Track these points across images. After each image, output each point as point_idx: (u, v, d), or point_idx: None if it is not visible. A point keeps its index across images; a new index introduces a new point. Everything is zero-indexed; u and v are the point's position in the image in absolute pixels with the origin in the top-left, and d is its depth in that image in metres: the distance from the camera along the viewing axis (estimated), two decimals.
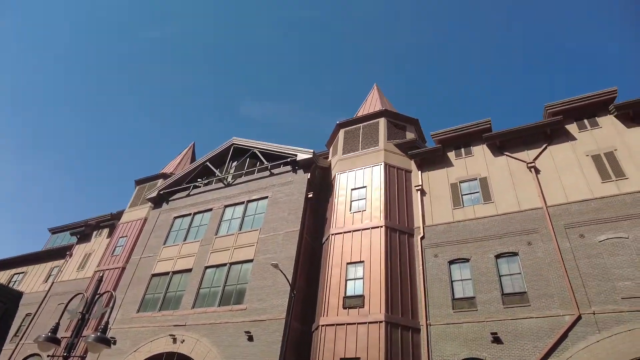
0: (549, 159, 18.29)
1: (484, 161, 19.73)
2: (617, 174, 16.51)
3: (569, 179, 17.22)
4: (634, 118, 17.70)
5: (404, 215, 19.16)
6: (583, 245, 15.28)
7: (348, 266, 17.75)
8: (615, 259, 14.50)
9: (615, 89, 18.34)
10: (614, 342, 12.98)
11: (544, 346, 13.70)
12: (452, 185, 19.54)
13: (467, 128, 20.74)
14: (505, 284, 15.66)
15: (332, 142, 25.53)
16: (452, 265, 16.99)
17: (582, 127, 18.63)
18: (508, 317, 14.76)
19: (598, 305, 13.85)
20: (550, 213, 16.53)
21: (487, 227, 17.35)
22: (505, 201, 17.80)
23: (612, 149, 17.30)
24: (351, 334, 15.65)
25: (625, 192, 15.86)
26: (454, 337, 15.08)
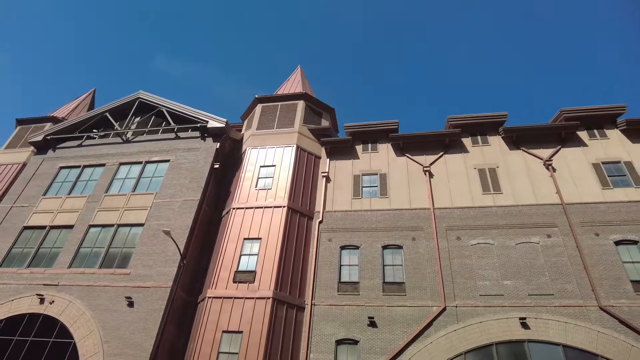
0: (443, 166, 20.09)
1: (386, 159, 20.98)
2: (495, 188, 18.78)
3: (456, 187, 19.14)
4: (515, 142, 20.20)
5: (307, 198, 19.65)
6: (458, 247, 17.18)
7: (245, 242, 17.74)
8: (481, 262, 16.58)
9: (506, 113, 20.72)
10: (467, 332, 14.93)
11: (412, 332, 15.21)
12: (355, 176, 20.49)
13: (376, 126, 21.82)
14: (387, 273, 16.99)
15: (247, 115, 25.03)
16: (343, 250, 17.93)
17: (475, 143, 20.75)
18: (385, 304, 16.08)
19: (461, 299, 15.75)
20: (436, 214, 18.24)
21: (380, 219, 18.58)
22: (399, 198, 19.20)
23: (495, 166, 19.58)
24: (237, 308, 15.75)
25: (499, 205, 18.15)
26: (334, 318, 16.01)
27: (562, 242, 16.67)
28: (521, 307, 15.24)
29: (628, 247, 16.28)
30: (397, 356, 14.77)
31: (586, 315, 14.80)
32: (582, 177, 18.53)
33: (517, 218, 17.61)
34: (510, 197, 18.34)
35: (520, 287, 15.76)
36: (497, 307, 15.36)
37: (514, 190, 18.55)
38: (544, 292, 15.51)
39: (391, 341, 15.18)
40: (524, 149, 19.92)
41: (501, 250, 16.79)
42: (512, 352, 14.39)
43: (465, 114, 21.20)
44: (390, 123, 21.73)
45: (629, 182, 18.00)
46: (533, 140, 20.11)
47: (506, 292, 15.71)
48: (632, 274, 15.54)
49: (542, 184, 18.55)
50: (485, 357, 14.37)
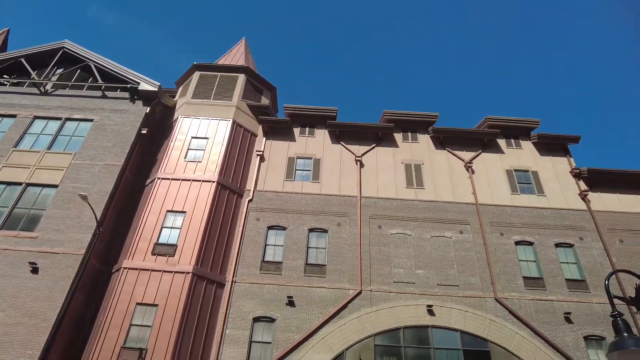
0: (374, 157, 20.84)
1: (322, 145, 21.29)
2: (418, 183, 19.91)
3: (384, 178, 20.00)
4: (442, 142, 21.49)
5: (239, 175, 19.40)
6: (379, 235, 18.06)
7: (168, 214, 17.16)
8: (398, 250, 17.62)
9: (436, 114, 21.89)
10: (378, 315, 15.89)
11: (327, 312, 15.85)
12: (289, 158, 20.58)
13: (315, 110, 21.98)
14: (310, 255, 17.45)
15: (183, 82, 23.89)
16: (270, 230, 18.07)
17: (405, 139, 21.74)
18: (305, 285, 16.55)
19: (376, 284, 16.67)
20: (362, 203, 18.97)
21: (309, 203, 18.93)
22: (330, 184, 19.66)
23: (421, 163, 20.71)
24: (154, 280, 15.31)
25: (420, 199, 19.29)
26: (254, 296, 16.18)
27: (472, 238, 18.20)
28: (429, 295, 16.51)
29: (525, 247, 18.23)
30: (311, 335, 15.35)
31: (484, 305, 16.42)
32: (496, 181, 20.27)
33: (435, 213, 18.88)
34: (431, 193, 19.58)
35: (430, 276, 17.03)
36: (408, 294, 16.49)
37: (435, 187, 19.83)
38: (451, 283, 16.91)
39: (307, 320, 15.72)
40: (449, 149, 21.27)
41: (417, 241, 17.95)
42: (416, 335, 15.60)
43: (400, 111, 22.06)
44: (330, 110, 22.01)
45: (533, 190, 20.05)
46: (458, 142, 21.53)
47: (418, 280, 16.89)
48: (525, 271, 17.47)
49: (461, 184, 20.01)
50: (393, 339, 15.44)
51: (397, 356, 15.07)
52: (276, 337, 15.30)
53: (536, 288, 17.08)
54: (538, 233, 18.59)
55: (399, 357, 15.05)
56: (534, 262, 17.85)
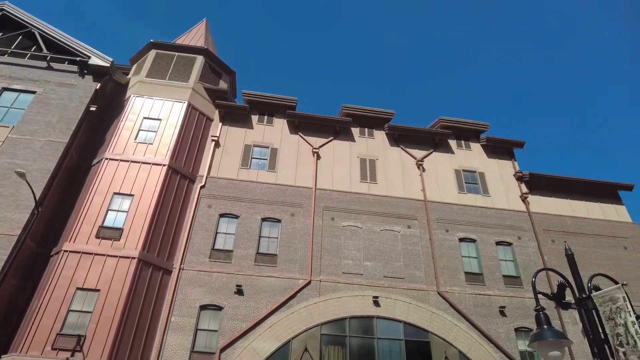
0: (330, 149, 21.03)
1: (280, 134, 21.19)
2: (372, 178, 20.36)
3: (339, 171, 20.26)
4: (396, 140, 22.05)
5: (192, 160, 18.92)
6: (331, 227, 18.33)
7: (114, 196, 16.46)
8: (348, 242, 17.98)
9: (393, 112, 22.38)
10: (326, 305, 16.19)
11: (276, 301, 15.94)
12: (246, 146, 20.31)
13: (275, 99, 21.80)
14: (262, 244, 17.42)
15: (138, 59, 22.83)
16: (222, 218, 17.83)
17: (362, 134, 22.08)
18: (255, 274, 16.53)
19: (325, 275, 16.95)
20: (317, 194, 19.14)
21: (264, 192, 18.84)
22: (286, 175, 19.65)
23: (375, 158, 21.16)
24: (97, 265, 14.69)
25: (372, 193, 19.75)
26: (202, 284, 15.95)
27: (419, 233, 18.91)
28: (376, 286, 17.02)
29: (468, 244, 19.19)
30: (258, 323, 15.40)
31: (427, 298, 17.16)
32: (445, 180, 21.12)
33: (386, 207, 19.41)
34: (383, 188, 20.08)
35: (378, 269, 17.54)
36: (356, 285, 16.91)
37: (388, 182, 20.36)
38: (397, 276, 17.52)
39: (255, 309, 15.74)
40: (402, 147, 21.87)
41: (367, 234, 18.40)
42: (362, 325, 16.07)
43: (359, 106, 22.37)
44: (289, 100, 21.89)
45: (479, 190, 21.09)
46: (411, 140, 22.17)
47: (366, 272, 17.35)
48: (467, 267, 18.43)
49: (412, 181, 20.67)
50: (339, 329, 15.81)
51: (341, 345, 15.47)
52: (223, 325, 15.21)
53: (476, 283, 18.07)
54: (481, 231, 19.62)
55: (343, 346, 15.45)
56: (475, 258, 18.85)
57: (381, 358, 15.45)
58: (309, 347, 15.13)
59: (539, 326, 4.20)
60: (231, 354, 14.66)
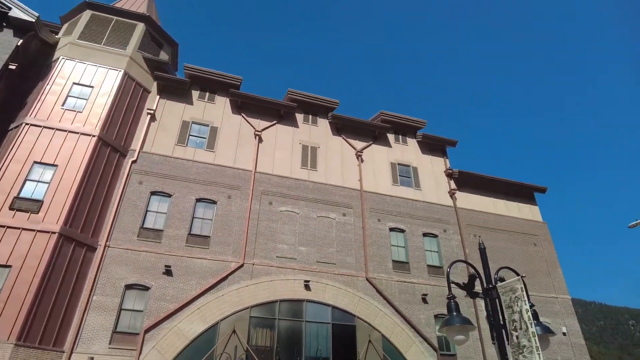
0: (273, 133, 20.90)
1: (221, 113, 20.65)
2: (312, 165, 20.58)
3: (281, 156, 20.23)
4: (339, 129, 22.41)
5: (124, 133, 17.91)
6: (268, 211, 18.34)
7: (35, 165, 15.18)
8: (284, 227, 18.13)
9: (337, 101, 22.66)
10: (257, 288, 16.28)
11: (206, 283, 15.75)
12: (184, 122, 19.58)
13: (219, 76, 21.15)
14: (195, 225, 17.03)
15: (70, 19, 20.95)
16: (154, 196, 17.14)
17: (306, 120, 22.15)
18: (186, 255, 16.16)
19: (259, 258, 16.99)
20: (256, 177, 19.00)
21: (200, 172, 18.35)
22: (225, 155, 19.26)
23: (317, 146, 21.37)
24: (10, 238, 13.54)
25: (311, 180, 19.99)
26: (128, 263, 15.32)
27: (352, 221, 19.50)
28: (308, 271, 17.37)
29: (397, 233, 20.13)
30: (187, 305, 15.14)
31: (355, 283, 17.83)
32: (381, 171, 21.88)
33: (323, 194, 19.76)
34: (322, 176, 20.40)
35: (311, 254, 17.89)
36: (289, 269, 17.15)
37: (327, 170, 20.70)
38: (329, 261, 17.99)
39: (184, 290, 15.44)
40: (344, 136, 22.27)
41: (304, 220, 18.66)
42: (291, 308, 16.37)
43: (304, 92, 22.38)
44: (234, 78, 21.35)
45: (411, 184, 22.12)
46: (353, 131, 22.64)
47: (299, 257, 17.63)
48: (395, 255, 19.36)
49: (350, 171, 21.18)
50: (268, 312, 15.99)
51: (270, 328, 15.69)
52: (149, 306, 14.77)
53: (402, 271, 19.07)
54: (410, 222, 20.65)
55: (272, 328, 15.68)
56: (403, 247, 19.85)
57: (308, 341, 15.90)
58: (237, 329, 15.16)
59: (449, 313, 4.60)
60: (156, 334, 14.32)
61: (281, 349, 15.35)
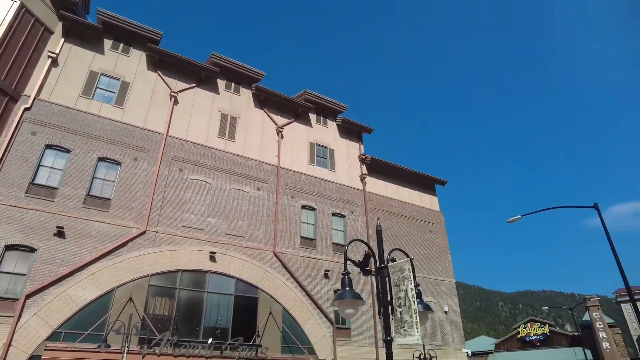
0: (191, 97, 19.92)
1: (136, 68, 19.09)
2: (230, 135, 20.10)
3: (196, 122, 19.42)
4: (261, 102, 22.08)
5: (17, 74, 15.79)
6: (178, 178, 17.62)
7: None
8: (195, 197, 17.61)
9: (263, 73, 22.23)
10: (159, 256, 15.72)
11: (103, 248, 14.81)
12: (91, 72, 17.79)
13: (136, 28, 19.45)
14: (95, 186, 15.80)
15: None
16: (49, 150, 15.49)
17: (228, 88, 21.43)
18: (82, 217, 14.98)
19: (163, 226, 16.35)
20: (168, 141, 18.07)
21: (106, 129, 16.95)
22: (135, 114, 17.98)
23: (237, 116, 20.87)
24: None
25: (228, 151, 19.56)
26: (12, 221, 13.78)
27: (266, 196, 19.57)
28: (215, 242, 17.16)
29: (308, 211, 20.68)
30: (79, 269, 14.15)
31: (262, 257, 18.06)
32: (300, 150, 22.13)
33: (239, 167, 19.49)
34: (240, 148, 20.06)
35: (220, 226, 17.67)
36: (195, 239, 16.78)
37: (245, 142, 20.39)
38: (238, 234, 17.94)
39: (77, 254, 14.37)
40: (266, 110, 22.02)
41: (216, 191, 18.28)
42: (194, 279, 16.12)
43: (230, 58, 21.57)
44: (153, 32, 19.78)
45: (327, 165, 22.74)
46: (276, 106, 22.47)
47: (207, 228, 17.32)
48: (303, 232, 19.92)
49: (269, 145, 21.11)
50: (169, 281, 15.57)
51: (170, 297, 15.33)
52: (34, 269, 13.52)
53: (309, 247, 19.72)
54: (321, 202, 21.31)
55: (172, 298, 15.34)
56: (312, 225, 20.47)
57: (209, 311, 15.85)
58: (134, 297, 14.57)
59: (342, 287, 4.95)
60: (40, 300, 13.20)
61: (180, 318, 15.12)
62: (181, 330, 14.81)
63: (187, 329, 15.14)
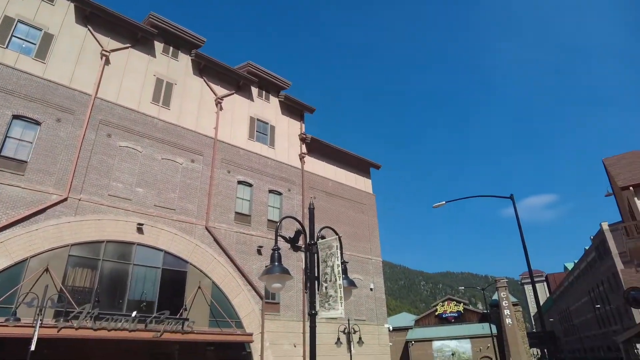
0: (124, 57, 18.58)
1: (62, 19, 17.33)
2: (165, 102, 19.13)
3: (129, 85, 18.20)
4: (201, 70, 21.16)
5: None
6: (105, 144, 16.53)
7: None
8: (123, 165, 16.67)
9: (204, 39, 21.23)
10: (82, 225, 14.80)
11: (17, 215, 13.62)
12: (6, 17, 15.80)
13: None
14: (8, 146, 14.34)
15: None
16: None
17: (165, 51, 20.23)
18: None
19: (87, 194, 15.36)
20: (96, 103, 16.81)
21: (24, 83, 15.35)
22: (60, 69, 16.45)
23: (174, 82, 19.87)
24: None
25: (162, 118, 18.64)
26: None
27: (201, 169, 19.03)
28: (144, 214, 16.47)
29: (244, 187, 20.47)
30: None
31: (193, 231, 17.67)
32: (239, 123, 21.65)
33: (173, 136, 18.69)
34: (175, 116, 19.19)
35: (149, 197, 16.96)
36: (122, 209, 15.97)
37: (181, 111, 19.53)
38: (169, 206, 17.35)
39: None
40: (205, 79, 21.17)
41: (146, 160, 17.43)
42: (119, 250, 15.42)
43: (169, 20, 20.30)
44: None
45: (267, 141, 22.52)
46: (216, 76, 21.67)
47: (135, 198, 16.54)
48: (238, 207, 19.73)
49: (207, 116, 20.40)
50: (92, 251, 14.76)
51: (92, 268, 14.56)
52: None
53: (243, 223, 19.60)
54: (259, 178, 21.16)
55: (94, 269, 14.58)
56: (248, 201, 20.32)
57: (134, 284, 15.31)
58: (51, 267, 13.65)
59: (271, 262, 5.03)
60: None
61: (102, 290, 14.45)
62: (103, 303, 14.19)
63: (110, 302, 14.54)
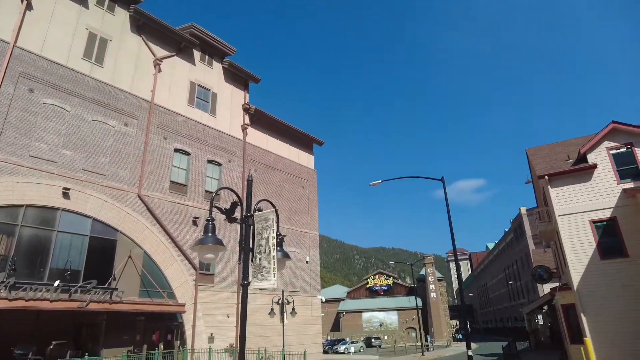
0: (51, 4, 16.81)
1: None
2: (98, 59, 17.72)
3: (56, 36, 16.59)
4: (140, 28, 19.75)
5: None
6: (26, 99, 15.09)
7: None
8: (47, 124, 15.36)
9: None
10: None
11: None
12: None
13: None
14: None
15: None
16: None
17: (100, 4, 18.55)
18: None
19: (4, 154, 14.02)
20: (15, 54, 15.19)
21: None
22: None
23: (109, 38, 18.40)
24: None
25: (93, 77, 17.30)
26: None
27: (135, 134, 18.05)
28: (70, 178, 15.42)
29: (182, 155, 19.77)
30: None
31: (125, 199, 16.88)
32: (179, 88, 20.66)
33: (105, 97, 17.46)
34: (108, 75, 17.88)
35: (77, 160, 15.86)
36: (45, 172, 14.82)
37: (116, 70, 18.22)
38: (98, 172, 16.37)
39: None
40: (144, 37, 19.83)
41: (75, 120, 16.20)
42: (41, 216, 14.38)
43: None
44: None
45: (207, 109, 21.76)
46: (156, 35, 20.35)
47: (61, 160, 15.40)
48: (174, 177, 19.08)
49: (143, 78, 19.23)
50: (9, 216, 13.63)
51: (8, 234, 13.48)
52: None
53: (179, 193, 19.02)
54: (197, 147, 20.51)
55: (11, 235, 13.51)
56: (185, 170, 19.68)
57: (57, 251, 14.44)
58: None
59: (204, 233, 5.00)
60: None
61: (20, 258, 13.48)
62: (21, 271, 13.27)
63: (30, 271, 13.62)
